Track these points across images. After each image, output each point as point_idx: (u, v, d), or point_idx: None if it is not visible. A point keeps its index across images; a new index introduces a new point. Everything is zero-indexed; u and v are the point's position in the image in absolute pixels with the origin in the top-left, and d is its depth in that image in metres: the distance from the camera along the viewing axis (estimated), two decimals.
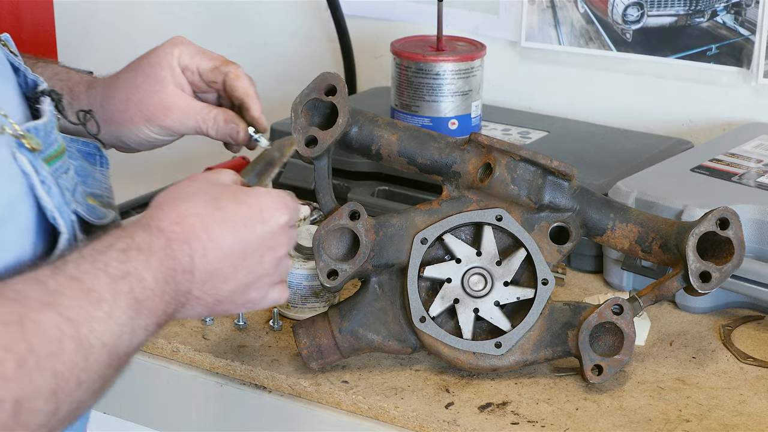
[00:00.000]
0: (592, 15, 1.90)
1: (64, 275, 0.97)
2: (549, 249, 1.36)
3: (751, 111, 1.84)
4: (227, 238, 1.07)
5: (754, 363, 1.40)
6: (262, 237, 1.09)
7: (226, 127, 1.30)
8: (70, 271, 0.98)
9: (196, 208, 1.06)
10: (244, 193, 1.10)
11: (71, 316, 0.94)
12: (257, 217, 1.09)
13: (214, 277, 1.07)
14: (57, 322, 0.93)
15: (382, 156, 1.39)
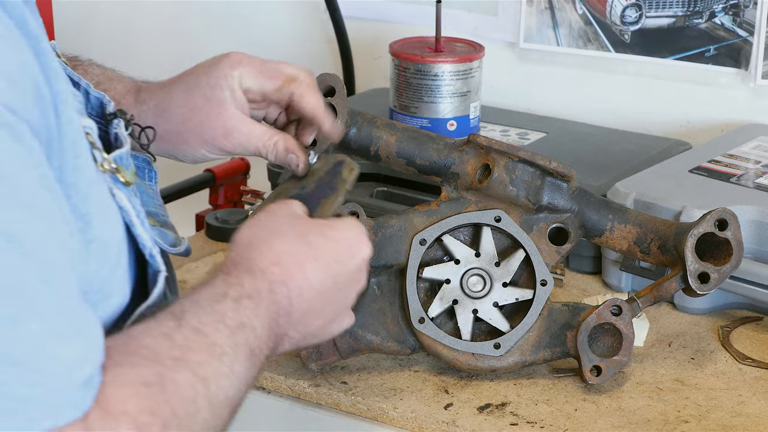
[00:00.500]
0: (590, 16, 1.90)
1: (189, 328, 0.96)
2: (548, 250, 1.36)
3: (750, 112, 1.85)
4: (320, 275, 1.05)
5: (752, 364, 1.40)
6: (350, 272, 1.08)
7: (286, 156, 1.25)
8: (194, 324, 0.96)
9: (289, 246, 1.05)
10: (330, 228, 1.08)
11: (202, 374, 0.94)
12: (346, 252, 1.08)
13: (307, 316, 1.06)
14: (191, 381, 0.93)
15: (380, 157, 1.39)
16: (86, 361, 0.86)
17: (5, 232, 0.81)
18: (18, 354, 0.81)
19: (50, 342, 0.83)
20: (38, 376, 0.82)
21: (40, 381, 0.82)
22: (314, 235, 1.06)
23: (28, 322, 0.82)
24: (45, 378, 0.82)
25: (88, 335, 0.87)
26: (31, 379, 0.82)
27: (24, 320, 0.81)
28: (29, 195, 0.83)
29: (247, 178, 1.96)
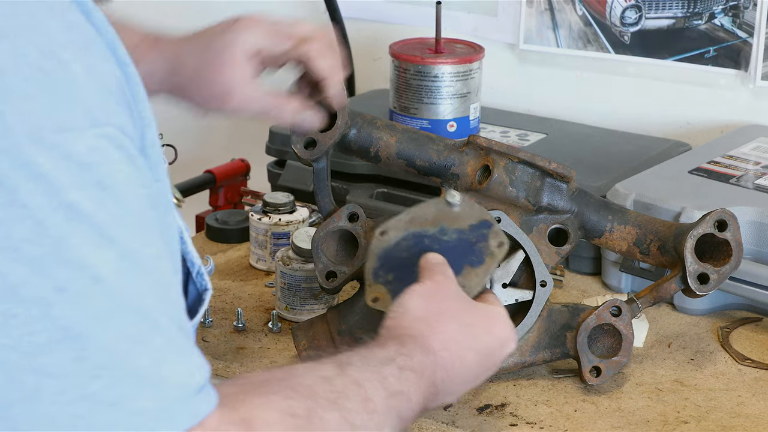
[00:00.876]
0: (590, 17, 1.91)
1: (350, 379, 1.00)
2: (547, 251, 1.36)
3: (749, 113, 1.85)
4: (475, 365, 1.13)
5: (752, 365, 1.40)
6: (497, 362, 1.16)
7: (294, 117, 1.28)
8: (355, 376, 1.01)
9: (458, 335, 1.12)
10: (490, 322, 1.15)
11: (351, 420, 0.98)
12: (499, 348, 1.15)
13: (456, 392, 1.13)
14: (340, 423, 0.97)
15: (380, 158, 1.39)
16: (199, 369, 0.88)
17: (128, 254, 0.83)
18: (143, 370, 0.83)
19: (170, 355, 0.85)
20: (159, 389, 0.84)
21: (161, 394, 0.84)
22: (478, 328, 1.14)
23: (152, 338, 0.84)
24: (165, 390, 0.84)
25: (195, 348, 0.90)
26: (152, 393, 0.84)
27: (148, 337, 0.84)
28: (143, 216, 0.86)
29: (247, 179, 1.96)
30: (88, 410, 0.82)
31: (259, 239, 1.61)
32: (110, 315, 0.82)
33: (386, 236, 1.27)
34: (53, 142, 0.81)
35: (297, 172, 1.76)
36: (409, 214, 1.27)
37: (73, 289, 0.81)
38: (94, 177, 0.82)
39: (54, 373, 0.81)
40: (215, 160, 1.98)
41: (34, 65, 0.82)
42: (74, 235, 0.81)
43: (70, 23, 0.86)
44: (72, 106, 0.83)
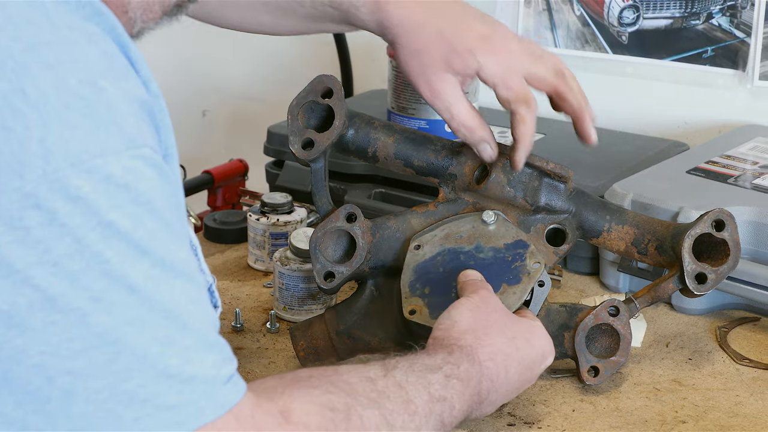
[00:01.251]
0: (588, 17, 1.91)
1: (393, 381, 1.06)
2: (545, 251, 1.36)
3: (747, 113, 1.85)
4: (517, 376, 1.18)
5: (750, 364, 1.40)
6: (537, 374, 1.22)
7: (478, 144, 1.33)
8: (399, 378, 1.06)
9: (503, 346, 1.17)
10: (533, 335, 1.21)
11: (390, 421, 1.02)
12: (540, 359, 1.21)
13: (498, 402, 1.18)
14: (378, 422, 1.01)
15: (378, 158, 1.39)
16: (226, 361, 0.92)
17: (161, 263, 0.89)
18: (172, 369, 0.89)
19: (198, 353, 0.90)
20: (187, 385, 0.89)
21: (189, 389, 0.89)
22: (522, 340, 1.19)
23: (183, 339, 0.89)
24: (193, 385, 0.90)
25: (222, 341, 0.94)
26: (180, 388, 0.89)
27: (179, 338, 0.89)
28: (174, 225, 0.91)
29: (245, 179, 1.96)
30: (121, 407, 0.87)
31: (257, 239, 1.61)
32: (143, 322, 0.88)
33: (421, 250, 1.32)
34: (92, 165, 0.86)
35: (295, 172, 1.76)
36: (444, 230, 1.32)
37: (109, 299, 0.86)
38: (130, 196, 0.87)
39: (89, 375, 0.86)
40: (213, 161, 1.98)
41: (74, 93, 0.87)
42: (110, 251, 0.86)
43: (106, 52, 0.91)
44: (110, 131, 0.87)
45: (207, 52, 2.31)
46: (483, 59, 1.28)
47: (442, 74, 1.29)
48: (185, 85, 2.37)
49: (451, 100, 1.30)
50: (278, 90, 2.20)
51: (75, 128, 0.86)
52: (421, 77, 1.30)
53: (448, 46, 1.28)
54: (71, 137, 0.86)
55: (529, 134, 1.30)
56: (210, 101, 2.39)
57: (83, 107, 0.87)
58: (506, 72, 1.28)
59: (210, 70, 2.37)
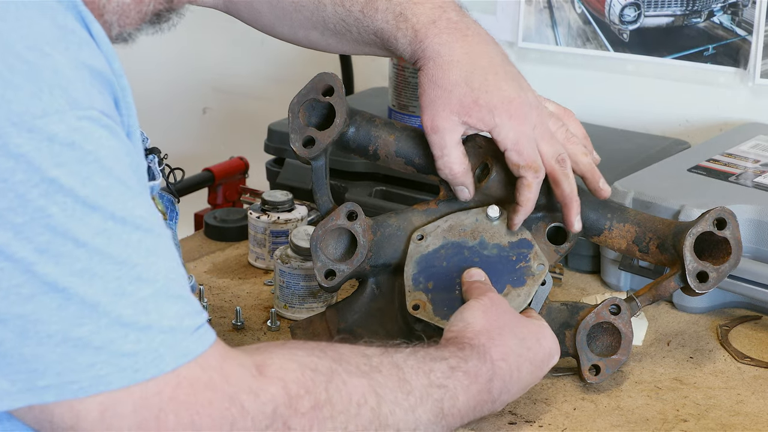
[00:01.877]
0: (589, 15, 1.90)
1: (389, 360, 1.08)
2: (546, 249, 1.36)
3: (748, 111, 1.85)
4: (527, 375, 1.20)
5: (751, 363, 1.40)
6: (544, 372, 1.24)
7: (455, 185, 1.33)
8: (396, 360, 1.08)
9: (515, 347, 1.19)
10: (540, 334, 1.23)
11: (379, 391, 1.03)
12: (548, 359, 1.23)
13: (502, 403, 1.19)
14: (364, 391, 1.03)
15: (379, 156, 1.39)
16: (190, 314, 0.95)
17: (113, 219, 0.92)
18: (127, 318, 0.92)
19: (157, 303, 0.93)
20: (144, 334, 0.92)
21: (147, 337, 0.92)
22: (532, 340, 1.21)
23: (138, 289, 0.92)
24: (151, 334, 0.92)
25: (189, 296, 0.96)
26: (137, 337, 0.92)
27: (134, 288, 0.92)
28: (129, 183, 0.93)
29: (245, 177, 1.96)
30: (75, 352, 0.91)
31: (258, 237, 1.61)
32: (91, 273, 0.91)
33: (424, 241, 1.32)
34: (33, 125, 0.89)
35: (296, 170, 1.76)
36: (447, 222, 1.33)
37: (54, 251, 0.90)
38: (76, 154, 0.90)
39: (40, 320, 0.90)
40: (214, 159, 1.98)
41: (18, 57, 0.90)
42: (54, 206, 0.89)
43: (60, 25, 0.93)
44: (54, 93, 0.90)
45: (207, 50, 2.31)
46: (500, 120, 1.29)
47: (452, 115, 1.30)
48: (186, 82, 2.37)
49: (447, 143, 1.31)
50: (279, 88, 2.20)
51: (17, 89, 0.89)
52: (431, 109, 1.31)
53: (471, 97, 1.29)
54: (13, 98, 0.89)
55: (533, 199, 1.31)
56: (210, 99, 2.39)
57: (26, 71, 0.90)
58: (519, 138, 1.29)
59: (210, 67, 2.36)
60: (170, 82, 2.37)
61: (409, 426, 1.06)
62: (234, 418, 0.95)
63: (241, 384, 0.96)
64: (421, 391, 1.07)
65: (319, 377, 1.00)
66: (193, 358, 0.94)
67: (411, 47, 1.32)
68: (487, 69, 1.29)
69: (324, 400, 0.99)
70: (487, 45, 1.31)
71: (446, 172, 1.32)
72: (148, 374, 0.92)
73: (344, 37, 1.38)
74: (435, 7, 1.32)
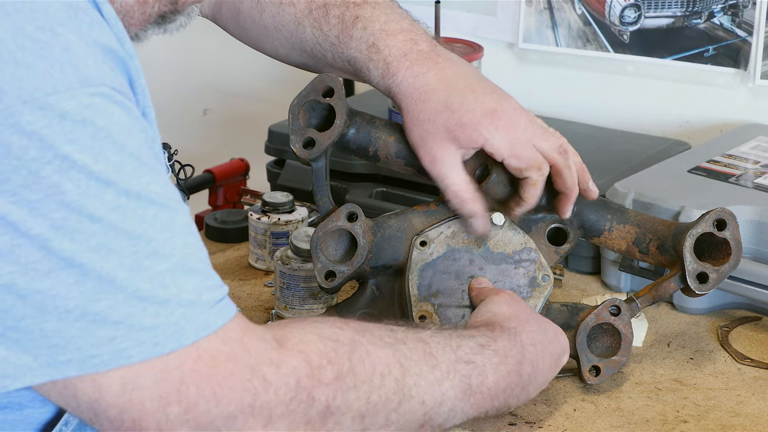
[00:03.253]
0: (589, 16, 1.91)
1: (415, 335, 1.08)
2: (546, 250, 1.36)
3: (749, 112, 1.85)
4: (548, 369, 1.22)
5: (751, 364, 1.40)
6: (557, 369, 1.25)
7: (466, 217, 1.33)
8: (422, 335, 1.08)
9: (541, 336, 1.21)
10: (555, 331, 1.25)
11: (404, 363, 1.04)
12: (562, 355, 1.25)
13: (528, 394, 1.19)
14: (388, 361, 1.03)
15: (379, 157, 1.39)
16: (208, 288, 0.96)
17: (127, 194, 0.92)
18: (144, 292, 0.92)
19: (174, 277, 0.93)
20: (163, 308, 0.92)
21: (166, 311, 0.92)
22: (552, 333, 1.24)
23: (155, 264, 0.92)
24: (170, 308, 0.92)
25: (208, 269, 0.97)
26: (155, 311, 0.92)
27: (150, 263, 0.92)
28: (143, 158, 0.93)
29: (246, 178, 1.96)
30: (94, 326, 0.91)
31: (258, 239, 1.61)
32: (108, 248, 0.91)
33: (426, 248, 1.32)
34: (45, 102, 0.89)
35: (296, 171, 1.76)
36: (450, 227, 1.33)
37: (69, 227, 0.90)
38: (88, 131, 0.90)
39: (58, 295, 0.90)
40: (214, 160, 1.98)
41: (29, 37, 0.90)
42: (68, 182, 0.90)
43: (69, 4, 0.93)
44: (65, 70, 0.90)
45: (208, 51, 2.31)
46: (488, 134, 1.28)
47: (444, 143, 1.30)
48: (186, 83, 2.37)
49: (447, 170, 1.30)
50: (279, 89, 2.19)
51: (28, 68, 0.89)
52: (423, 145, 1.31)
53: (455, 119, 1.28)
54: (24, 76, 0.89)
55: (537, 196, 1.32)
56: (211, 100, 2.39)
57: (38, 49, 0.90)
58: (513, 144, 1.29)
59: (211, 68, 2.36)
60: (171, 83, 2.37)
61: (436, 399, 1.06)
62: (256, 390, 0.95)
63: (262, 356, 0.96)
64: (448, 366, 1.07)
65: (342, 348, 1.00)
66: (213, 331, 0.94)
67: (384, 80, 1.32)
68: (464, 89, 1.29)
69: (347, 369, 0.99)
70: (460, 67, 1.32)
71: (455, 201, 1.31)
72: (168, 347, 0.92)
73: (320, 61, 1.39)
74: (407, 39, 1.33)
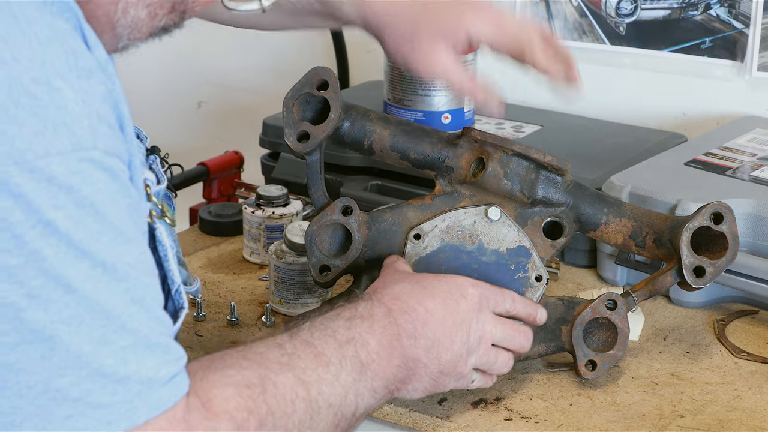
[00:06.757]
0: (585, 8, 1.90)
1: (299, 340, 1.08)
2: (542, 244, 1.36)
3: (745, 104, 1.84)
4: (439, 310, 1.18)
5: (748, 358, 1.40)
6: (465, 311, 1.19)
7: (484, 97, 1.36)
8: (304, 337, 1.09)
9: (408, 287, 1.18)
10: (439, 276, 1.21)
11: (304, 379, 1.05)
12: (456, 292, 1.20)
13: (436, 345, 1.16)
14: (292, 384, 1.04)
15: (374, 151, 1.38)
16: (167, 362, 0.94)
17: (102, 266, 0.90)
18: (107, 368, 0.91)
19: (136, 354, 0.92)
20: (121, 386, 0.91)
21: (123, 389, 0.91)
22: (429, 280, 1.20)
23: (120, 339, 0.91)
24: (128, 385, 0.92)
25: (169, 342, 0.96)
26: (114, 388, 0.91)
27: (116, 338, 0.91)
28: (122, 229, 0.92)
29: (240, 171, 1.95)
30: (53, 404, 0.89)
31: (253, 232, 1.61)
32: (79, 320, 0.89)
33: (421, 242, 1.31)
34: (35, 165, 0.87)
35: (291, 164, 1.76)
36: (445, 221, 1.32)
37: (45, 297, 0.88)
38: (73, 198, 0.89)
39: (22, 369, 0.88)
40: (209, 153, 1.98)
41: (25, 92, 0.88)
42: (49, 249, 0.88)
43: (71, 50, 0.91)
44: (58, 131, 0.88)
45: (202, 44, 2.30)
46: (470, 19, 1.31)
47: (434, 44, 1.31)
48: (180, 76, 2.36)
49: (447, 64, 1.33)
50: (274, 81, 2.19)
51: (22, 126, 0.87)
52: (414, 54, 1.32)
53: (435, 20, 1.30)
54: (17, 135, 0.87)
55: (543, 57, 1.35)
56: (205, 92, 2.38)
57: (33, 106, 0.88)
58: (497, 21, 1.31)
59: (205, 61, 2.36)
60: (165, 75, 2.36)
61: (340, 395, 1.07)
62: None
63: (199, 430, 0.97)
64: (337, 356, 1.08)
65: (255, 391, 1.01)
66: (163, 411, 0.94)
67: (358, 9, 1.33)
68: None
69: (266, 412, 1.00)
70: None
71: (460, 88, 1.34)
72: (121, 426, 0.91)
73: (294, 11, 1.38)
74: None
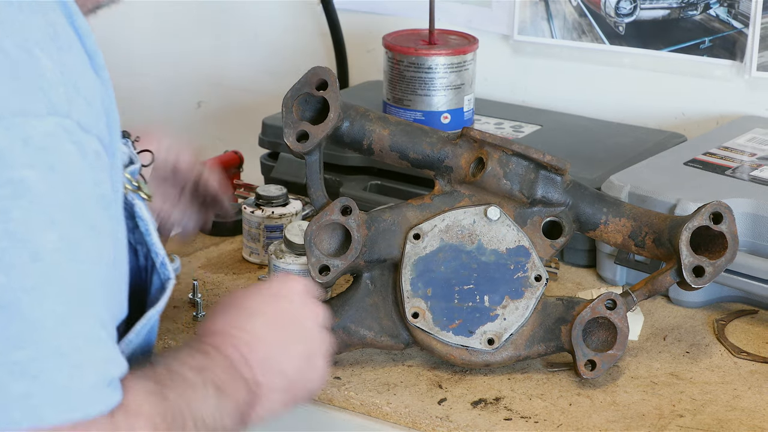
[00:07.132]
0: (584, 8, 1.90)
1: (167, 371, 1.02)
2: (542, 244, 1.36)
3: (745, 104, 1.84)
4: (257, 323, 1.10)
5: (747, 357, 1.40)
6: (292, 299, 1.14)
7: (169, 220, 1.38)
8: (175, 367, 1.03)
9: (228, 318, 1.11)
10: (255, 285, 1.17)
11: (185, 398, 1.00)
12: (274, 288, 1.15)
13: (271, 360, 1.10)
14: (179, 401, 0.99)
15: (373, 151, 1.38)
16: (114, 363, 0.94)
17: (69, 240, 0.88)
18: (65, 348, 0.88)
19: (91, 343, 0.91)
20: (79, 371, 0.89)
21: (80, 376, 0.89)
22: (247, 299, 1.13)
23: (77, 323, 0.89)
24: (84, 374, 0.90)
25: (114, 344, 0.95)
26: (72, 373, 0.89)
27: (74, 321, 0.89)
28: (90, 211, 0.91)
29: (240, 171, 1.95)
30: (9, 378, 0.87)
31: (252, 232, 1.61)
32: (43, 292, 0.87)
33: (421, 242, 1.32)
34: (11, 123, 0.87)
35: (290, 164, 1.76)
36: (445, 221, 1.32)
37: (8, 260, 0.86)
38: (47, 159, 0.88)
39: None
40: (208, 152, 1.97)
41: (6, 54, 0.89)
42: (18, 210, 0.86)
43: (51, 23, 0.92)
44: (34, 94, 0.89)
45: (202, 44, 2.30)
46: None
47: None
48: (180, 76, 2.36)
49: None
50: (273, 81, 2.19)
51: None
52: None
53: None
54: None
55: None
56: (205, 92, 2.38)
57: (12, 68, 0.89)
58: None
59: (205, 61, 2.35)
60: (164, 75, 2.36)
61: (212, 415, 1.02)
62: None
63: None
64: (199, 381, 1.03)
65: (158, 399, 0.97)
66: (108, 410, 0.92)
67: None
68: None
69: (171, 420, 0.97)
70: None
71: None
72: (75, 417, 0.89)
73: None
74: None
